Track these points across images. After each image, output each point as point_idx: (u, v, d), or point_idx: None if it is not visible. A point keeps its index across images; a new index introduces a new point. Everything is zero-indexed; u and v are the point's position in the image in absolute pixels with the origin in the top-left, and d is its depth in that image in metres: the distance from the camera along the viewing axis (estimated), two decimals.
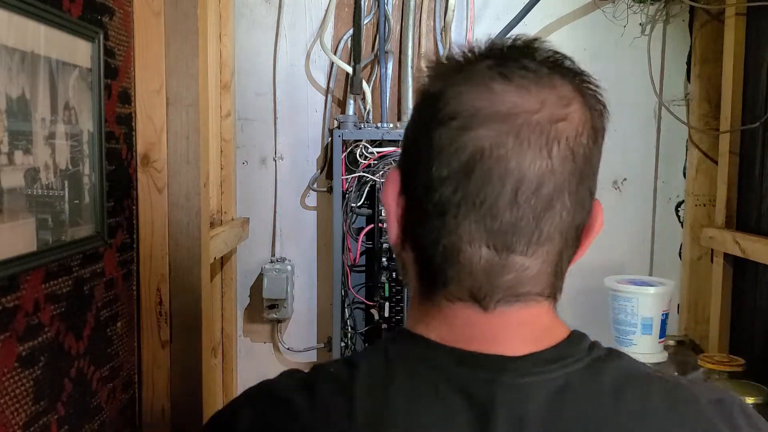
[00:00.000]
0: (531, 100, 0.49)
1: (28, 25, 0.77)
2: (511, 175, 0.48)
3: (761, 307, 1.41)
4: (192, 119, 1.10)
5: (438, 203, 0.50)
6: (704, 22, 1.56)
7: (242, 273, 1.62)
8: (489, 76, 0.50)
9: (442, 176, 0.50)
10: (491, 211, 0.49)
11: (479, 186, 0.49)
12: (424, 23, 1.56)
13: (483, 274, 0.51)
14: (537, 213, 0.49)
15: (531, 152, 0.48)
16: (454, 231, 0.50)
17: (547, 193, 0.49)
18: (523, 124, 0.48)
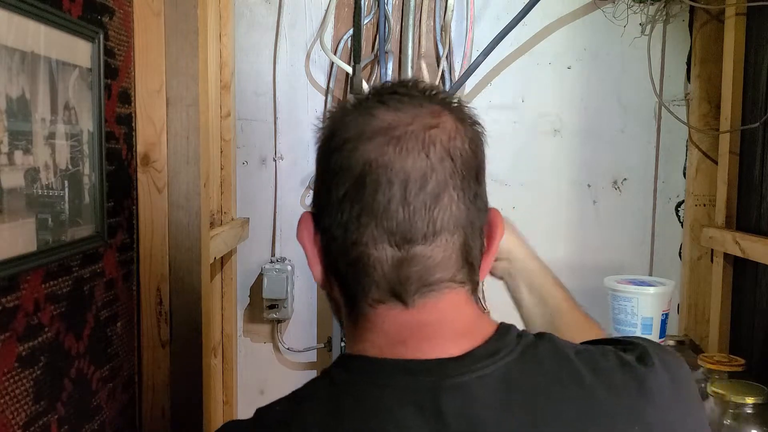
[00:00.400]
0: (405, 116, 0.57)
1: (28, 25, 0.77)
2: (397, 178, 0.54)
3: (761, 307, 1.41)
4: (192, 119, 1.10)
5: (341, 222, 0.57)
6: (704, 22, 1.56)
7: (242, 273, 1.62)
8: (370, 106, 0.58)
9: (340, 195, 0.56)
10: (387, 213, 0.55)
11: (371, 193, 0.55)
12: (424, 23, 1.56)
13: (393, 270, 0.56)
14: (427, 206, 0.55)
15: (411, 156, 0.55)
16: (360, 241, 0.56)
17: (432, 188, 0.55)
18: (401, 134, 0.55)
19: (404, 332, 0.56)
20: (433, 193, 0.55)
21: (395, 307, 0.57)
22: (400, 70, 1.54)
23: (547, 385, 0.54)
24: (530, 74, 1.60)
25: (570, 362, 0.56)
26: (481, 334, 0.57)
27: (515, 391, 0.53)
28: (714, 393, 1.16)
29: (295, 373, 1.65)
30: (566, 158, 1.63)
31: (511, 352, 0.56)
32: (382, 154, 0.55)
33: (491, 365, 0.54)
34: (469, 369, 0.54)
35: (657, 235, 1.65)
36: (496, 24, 1.55)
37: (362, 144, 0.56)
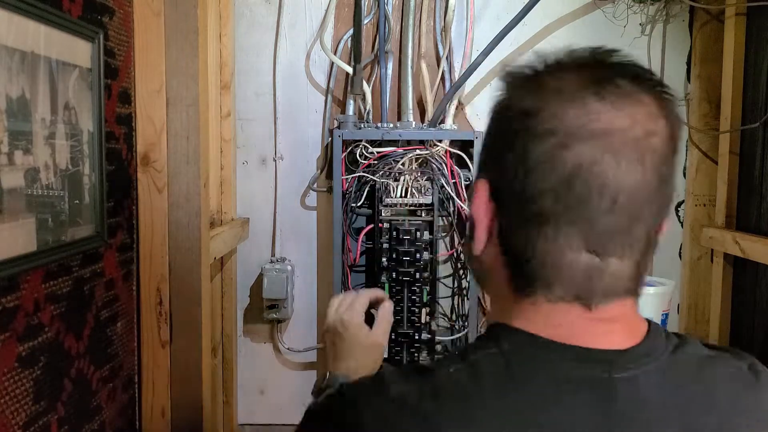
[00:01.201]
0: (624, 117, 0.54)
1: (28, 25, 0.78)
2: (609, 188, 0.53)
3: (761, 307, 1.42)
4: (192, 119, 1.10)
5: (537, 214, 0.55)
6: (704, 22, 1.56)
7: (242, 273, 1.62)
8: (583, 95, 0.54)
9: (542, 189, 0.54)
10: (591, 220, 0.54)
11: (579, 198, 0.53)
12: (424, 23, 1.56)
13: (584, 278, 0.55)
14: (632, 219, 0.54)
15: (627, 166, 0.53)
16: (556, 239, 0.55)
17: (640, 201, 0.54)
18: (619, 141, 0.53)
19: (577, 327, 0.57)
20: (639, 206, 0.54)
21: (575, 307, 0.57)
22: (400, 70, 1.54)
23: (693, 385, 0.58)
24: None
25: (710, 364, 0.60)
26: (640, 332, 0.59)
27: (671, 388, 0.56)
28: None
29: (295, 373, 1.65)
30: None
31: (663, 351, 0.58)
32: (597, 161, 0.53)
33: (651, 362, 0.56)
34: (635, 363, 0.56)
35: None
36: (496, 24, 1.55)
37: (574, 145, 0.53)
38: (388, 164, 1.46)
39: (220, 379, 1.54)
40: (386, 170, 1.46)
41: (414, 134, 1.45)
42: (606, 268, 0.55)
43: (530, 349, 0.56)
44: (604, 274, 0.55)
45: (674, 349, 0.59)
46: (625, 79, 0.55)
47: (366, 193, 1.49)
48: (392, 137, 1.44)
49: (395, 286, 1.45)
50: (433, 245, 1.47)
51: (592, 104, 0.54)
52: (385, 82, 1.53)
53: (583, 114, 0.54)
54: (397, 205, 1.47)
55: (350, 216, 1.49)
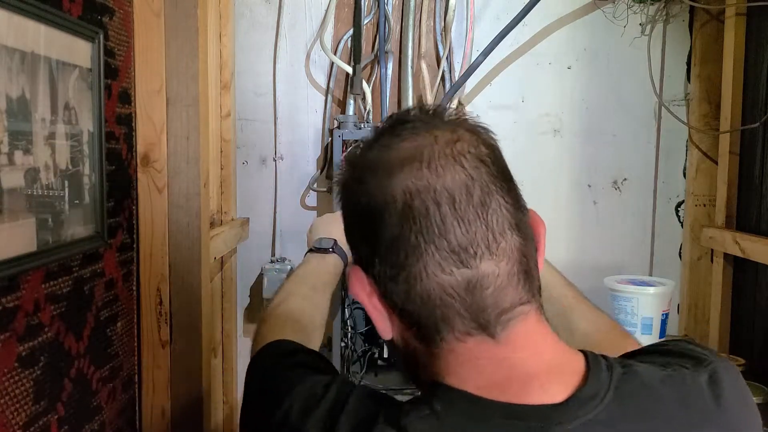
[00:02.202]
0: (424, 139, 0.56)
1: (28, 25, 0.77)
2: (442, 197, 0.53)
3: (761, 307, 1.42)
4: (192, 119, 1.10)
5: (399, 261, 0.55)
6: (704, 22, 1.56)
7: (242, 273, 1.62)
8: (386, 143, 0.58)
9: (390, 234, 0.55)
10: (444, 234, 0.53)
11: (422, 220, 0.53)
12: (424, 23, 1.56)
13: (468, 296, 0.54)
14: (480, 216, 0.54)
15: (447, 172, 0.54)
16: (426, 273, 0.54)
17: (478, 196, 0.54)
18: (429, 156, 0.55)
19: (501, 373, 0.55)
20: (481, 200, 0.54)
21: (484, 341, 0.55)
22: (400, 70, 1.54)
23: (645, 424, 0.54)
24: (530, 74, 1.60)
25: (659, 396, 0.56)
26: (575, 371, 0.56)
27: None
28: None
29: None
30: (566, 158, 1.63)
31: (607, 392, 0.54)
32: (419, 178, 0.54)
33: (593, 410, 0.53)
34: (574, 415, 0.53)
35: (657, 235, 1.65)
36: (496, 24, 1.55)
37: (395, 176, 0.55)
38: None
39: (220, 379, 1.54)
40: None
41: None
42: (482, 276, 0.53)
43: (462, 409, 0.54)
44: (482, 285, 0.54)
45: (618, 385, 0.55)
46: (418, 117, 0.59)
47: None
48: None
49: None
50: None
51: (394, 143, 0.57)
52: (385, 82, 1.53)
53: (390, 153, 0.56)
54: None
55: None
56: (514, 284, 0.55)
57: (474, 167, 0.55)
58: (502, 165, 0.58)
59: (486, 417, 0.53)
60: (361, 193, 0.57)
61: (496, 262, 0.54)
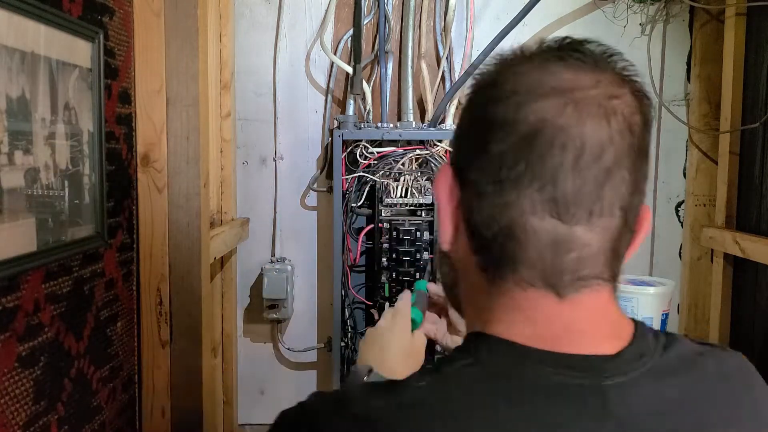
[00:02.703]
0: (586, 78, 0.51)
1: (28, 25, 0.77)
2: (572, 143, 0.49)
3: (761, 307, 1.42)
4: (192, 119, 1.10)
5: (498, 180, 0.51)
6: (704, 22, 1.56)
7: (242, 273, 1.62)
8: (545, 59, 0.53)
9: (502, 151, 0.51)
10: (553, 179, 0.50)
11: (541, 155, 0.50)
12: (424, 23, 1.56)
13: (549, 251, 0.51)
14: (598, 182, 0.50)
15: (591, 122, 0.50)
16: (517, 204, 0.51)
17: (607, 162, 0.50)
18: (582, 98, 0.50)
19: (556, 327, 0.52)
20: (607, 167, 0.50)
21: (547, 295, 0.52)
22: (400, 70, 1.54)
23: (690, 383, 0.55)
24: None
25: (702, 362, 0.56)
26: (626, 333, 0.55)
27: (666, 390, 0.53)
28: None
29: (295, 373, 1.65)
30: None
31: (654, 352, 0.54)
32: (559, 114, 0.50)
33: (641, 367, 0.52)
34: (624, 369, 0.52)
35: (657, 235, 1.65)
36: (496, 24, 1.55)
37: (536, 100, 0.50)
38: (388, 164, 1.46)
39: (220, 379, 1.54)
40: (386, 170, 1.46)
41: (414, 134, 1.45)
42: (574, 238, 0.50)
43: (511, 359, 0.52)
44: (570, 246, 0.51)
45: (664, 350, 0.55)
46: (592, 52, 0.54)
47: (366, 193, 1.48)
48: (392, 137, 1.44)
49: (395, 286, 1.45)
50: (433, 245, 1.47)
51: (554, 66, 0.52)
52: (385, 82, 1.53)
53: (544, 74, 0.52)
54: (397, 205, 1.47)
55: (350, 216, 1.49)
56: (600, 261, 0.52)
57: (619, 131, 0.50)
58: (646, 144, 0.53)
59: (535, 368, 0.51)
60: (492, 98, 0.53)
61: (591, 232, 0.51)
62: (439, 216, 0.57)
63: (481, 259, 0.54)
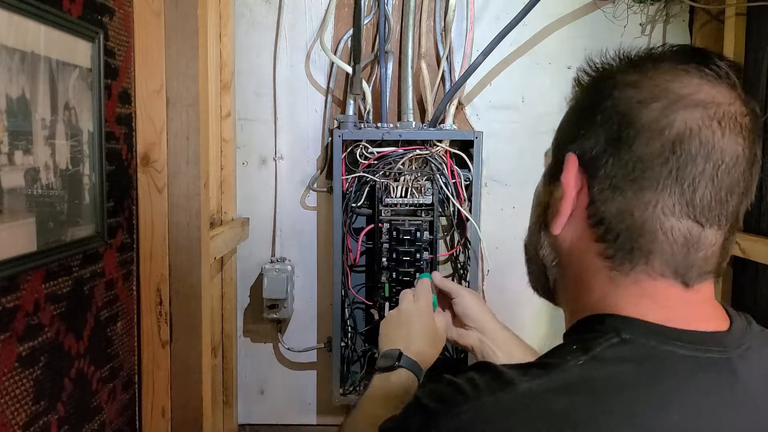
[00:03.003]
0: (724, 94, 0.57)
1: (28, 25, 0.77)
2: (713, 155, 0.55)
3: (761, 307, 1.41)
4: (192, 119, 1.10)
5: (637, 179, 0.56)
6: (704, 22, 1.56)
7: (242, 273, 1.62)
8: (687, 70, 0.58)
9: (646, 153, 0.56)
10: (694, 185, 0.55)
11: (684, 162, 0.55)
12: (424, 23, 1.56)
13: (682, 248, 0.57)
14: (729, 190, 0.56)
15: (730, 136, 0.55)
16: (657, 204, 0.56)
17: (737, 175, 0.56)
18: (723, 113, 0.56)
19: (681, 311, 0.58)
20: (737, 180, 0.56)
21: (675, 285, 0.58)
22: (400, 70, 1.54)
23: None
24: (530, 74, 1.60)
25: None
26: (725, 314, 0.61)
27: None
28: None
29: (295, 373, 1.65)
30: None
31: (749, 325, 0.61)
32: (707, 127, 0.55)
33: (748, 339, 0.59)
34: (740, 342, 0.58)
35: None
36: (495, 24, 1.55)
37: (685, 109, 0.56)
38: (388, 164, 1.46)
39: (220, 379, 1.54)
40: (386, 170, 1.46)
41: (414, 134, 1.45)
42: (704, 238, 0.56)
43: (652, 337, 0.56)
44: (701, 245, 0.57)
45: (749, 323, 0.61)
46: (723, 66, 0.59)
47: (366, 193, 1.48)
48: (392, 137, 1.44)
49: (395, 286, 1.45)
50: (433, 245, 1.47)
51: (695, 78, 0.57)
52: (385, 82, 1.53)
53: (687, 85, 0.57)
54: (397, 205, 1.47)
55: (350, 216, 1.49)
56: (718, 257, 0.58)
57: (749, 146, 0.56)
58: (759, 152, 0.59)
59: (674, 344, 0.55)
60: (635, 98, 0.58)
61: (718, 233, 0.57)
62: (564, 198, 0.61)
63: (607, 248, 0.59)
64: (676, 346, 0.55)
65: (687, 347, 0.55)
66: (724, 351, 0.56)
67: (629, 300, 0.58)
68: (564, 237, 0.62)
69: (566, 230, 0.62)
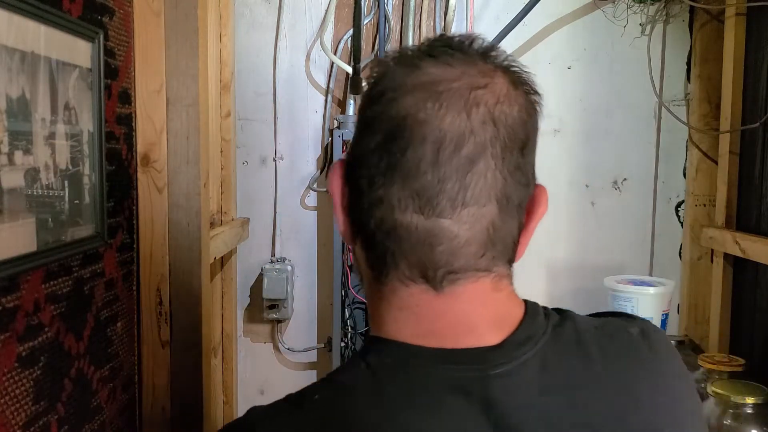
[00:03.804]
0: (452, 71, 0.52)
1: (28, 25, 0.77)
2: (431, 135, 0.50)
3: (761, 307, 1.41)
4: (192, 119, 1.10)
5: (368, 176, 0.52)
6: (704, 22, 1.56)
7: (242, 273, 1.62)
8: (417, 57, 0.54)
9: (371, 147, 0.52)
10: (415, 173, 0.50)
11: (402, 149, 0.51)
12: (424, 23, 1.56)
13: (421, 245, 0.51)
14: (460, 171, 0.50)
15: (449, 114, 0.50)
16: (385, 200, 0.52)
17: (467, 152, 0.50)
18: (443, 91, 0.51)
19: (439, 322, 0.53)
20: (469, 157, 0.50)
21: (427, 291, 0.53)
22: None
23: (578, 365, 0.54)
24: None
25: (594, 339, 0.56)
26: (513, 319, 0.54)
27: (552, 374, 0.53)
28: (714, 393, 1.16)
29: (295, 373, 1.65)
30: (566, 158, 1.63)
31: (543, 334, 0.54)
32: (420, 109, 0.51)
33: (528, 351, 0.52)
34: (509, 357, 0.52)
35: (657, 235, 1.65)
36: (495, 24, 1.55)
37: (402, 96, 0.52)
38: None
39: (220, 379, 1.54)
40: None
41: None
42: (438, 231, 0.51)
43: (397, 359, 0.52)
44: (438, 239, 0.51)
45: (554, 329, 0.55)
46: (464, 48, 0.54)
47: None
48: None
49: None
50: None
51: (422, 62, 0.53)
52: None
53: (414, 71, 0.53)
54: None
55: None
56: (472, 251, 0.52)
57: (481, 122, 0.50)
58: (519, 131, 0.53)
59: (420, 364, 0.51)
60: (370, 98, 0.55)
61: (457, 224, 0.51)
62: (334, 208, 0.58)
63: (368, 254, 0.55)
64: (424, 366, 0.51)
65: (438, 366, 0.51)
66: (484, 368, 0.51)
67: (389, 316, 0.54)
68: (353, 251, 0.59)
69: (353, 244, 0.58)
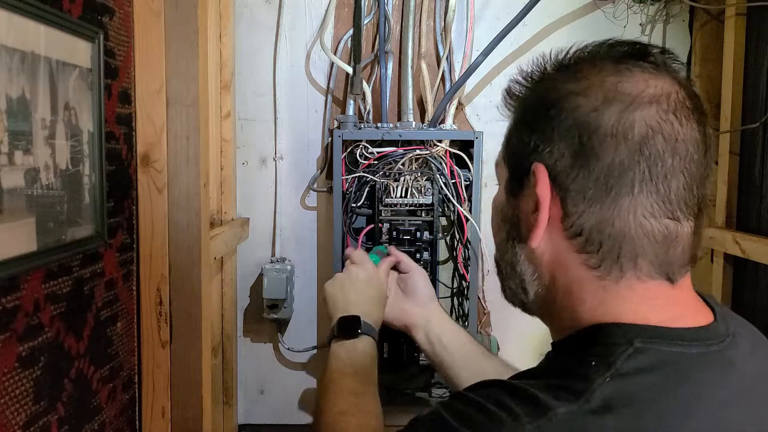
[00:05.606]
0: (668, 83, 0.57)
1: (28, 25, 0.77)
2: (679, 147, 0.55)
3: (761, 307, 1.42)
4: (192, 119, 1.10)
5: (610, 187, 0.55)
6: (704, 22, 1.56)
7: (242, 273, 1.62)
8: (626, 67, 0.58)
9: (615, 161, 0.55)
10: (666, 182, 0.55)
11: (654, 162, 0.54)
12: (424, 23, 1.56)
13: (663, 247, 0.56)
14: (700, 180, 0.56)
15: (687, 125, 0.56)
16: (634, 210, 0.55)
17: (701, 162, 0.56)
18: (674, 103, 0.56)
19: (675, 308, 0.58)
20: (702, 167, 0.56)
21: (663, 284, 0.58)
22: (400, 70, 1.54)
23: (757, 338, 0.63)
24: None
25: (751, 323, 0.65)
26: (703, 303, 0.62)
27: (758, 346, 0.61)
28: None
29: (295, 373, 1.65)
30: None
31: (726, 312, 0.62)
32: (666, 121, 0.55)
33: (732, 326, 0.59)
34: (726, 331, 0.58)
35: None
36: (496, 24, 1.55)
37: (641, 109, 0.55)
38: (388, 164, 1.46)
39: (220, 379, 1.54)
40: (386, 170, 1.46)
41: (414, 134, 1.45)
42: (681, 233, 0.56)
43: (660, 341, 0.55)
44: (679, 240, 0.57)
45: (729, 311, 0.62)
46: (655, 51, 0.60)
47: (366, 193, 1.48)
48: (392, 137, 1.44)
49: None
50: (433, 245, 1.47)
51: (638, 74, 0.57)
52: (385, 82, 1.53)
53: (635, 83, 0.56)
54: (397, 205, 1.47)
55: (350, 216, 1.49)
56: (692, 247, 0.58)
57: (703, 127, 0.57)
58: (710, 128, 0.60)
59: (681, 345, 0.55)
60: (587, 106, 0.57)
61: (692, 223, 0.57)
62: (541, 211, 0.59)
63: (590, 257, 0.58)
64: (682, 346, 0.55)
65: (693, 345, 0.55)
66: (719, 342, 0.57)
67: (627, 306, 0.58)
68: (542, 250, 0.61)
69: (542, 243, 0.61)
